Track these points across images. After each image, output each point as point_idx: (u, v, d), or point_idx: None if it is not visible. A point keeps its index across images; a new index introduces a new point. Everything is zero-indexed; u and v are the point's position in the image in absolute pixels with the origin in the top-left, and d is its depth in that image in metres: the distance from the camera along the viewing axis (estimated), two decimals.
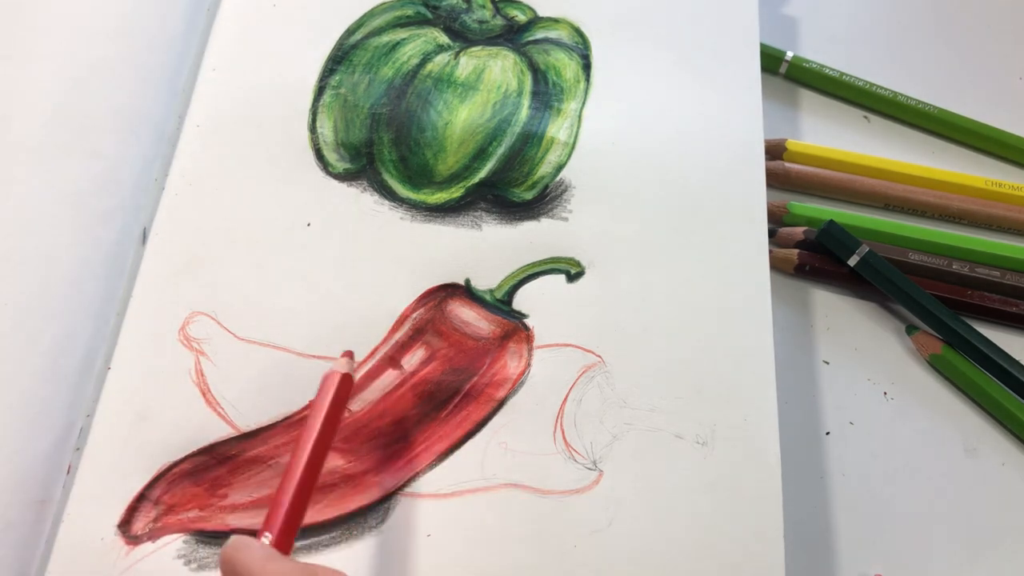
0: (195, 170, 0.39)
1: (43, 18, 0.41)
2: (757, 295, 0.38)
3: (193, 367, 0.35)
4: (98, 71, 0.40)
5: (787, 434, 0.35)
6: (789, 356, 0.40)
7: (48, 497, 0.33)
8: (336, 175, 0.39)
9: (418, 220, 0.38)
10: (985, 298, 0.42)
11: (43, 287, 0.36)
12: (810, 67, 0.48)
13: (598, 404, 0.35)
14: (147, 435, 0.33)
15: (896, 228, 0.43)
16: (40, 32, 0.41)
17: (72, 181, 0.38)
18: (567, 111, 0.41)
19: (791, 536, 0.33)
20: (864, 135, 0.48)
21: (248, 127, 0.40)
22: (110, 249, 0.37)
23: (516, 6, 0.44)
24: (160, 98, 0.41)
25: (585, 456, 0.34)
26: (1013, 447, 0.40)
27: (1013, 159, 0.47)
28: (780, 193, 0.45)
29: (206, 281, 0.36)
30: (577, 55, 0.43)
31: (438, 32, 0.43)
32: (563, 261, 0.38)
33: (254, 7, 0.43)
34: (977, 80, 0.50)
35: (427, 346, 0.36)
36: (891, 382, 0.41)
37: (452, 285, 0.37)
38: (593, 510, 0.33)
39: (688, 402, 0.35)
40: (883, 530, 0.37)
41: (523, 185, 0.39)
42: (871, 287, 0.42)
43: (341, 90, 0.41)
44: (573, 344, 0.36)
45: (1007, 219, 0.45)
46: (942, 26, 0.52)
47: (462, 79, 0.42)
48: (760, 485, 0.34)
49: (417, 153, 0.40)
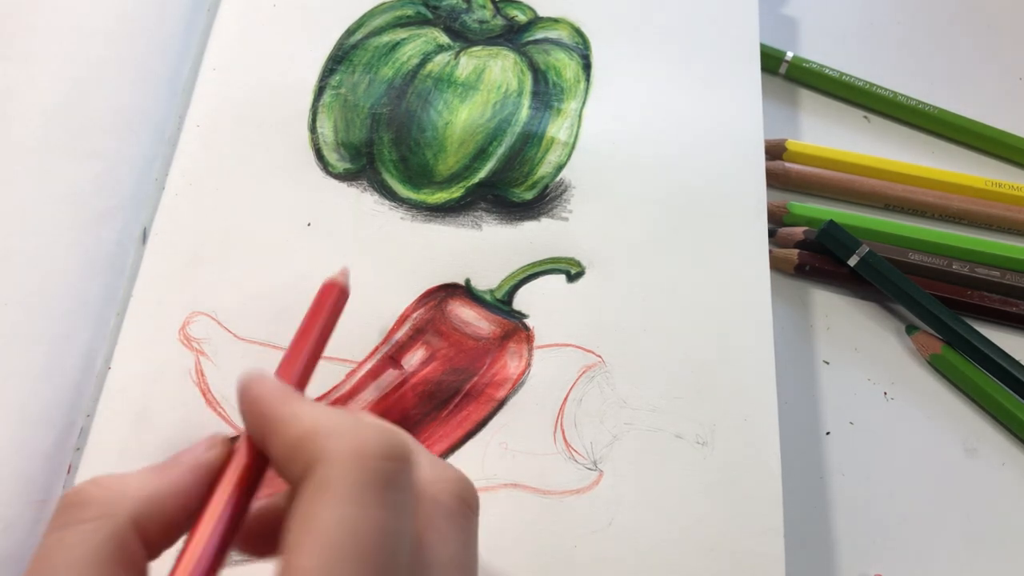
0: (195, 170, 0.39)
1: (43, 18, 0.41)
2: (757, 295, 0.38)
3: (193, 367, 0.35)
4: (98, 71, 0.40)
5: (787, 434, 0.35)
6: (789, 356, 0.40)
7: (48, 497, 0.33)
8: (336, 175, 0.39)
9: (418, 220, 0.38)
10: (985, 298, 0.42)
11: (43, 287, 0.36)
12: (810, 67, 0.48)
13: (598, 404, 0.35)
14: (147, 435, 0.33)
15: (896, 228, 0.43)
16: (40, 32, 0.41)
17: (72, 181, 0.38)
18: (567, 111, 0.41)
19: (791, 536, 0.33)
20: (864, 135, 0.48)
21: (248, 127, 0.40)
22: (110, 249, 0.37)
23: (516, 6, 0.44)
24: (160, 98, 0.41)
25: (585, 456, 0.34)
26: (1013, 447, 0.40)
27: (1013, 159, 0.47)
28: (780, 193, 0.45)
29: (206, 281, 0.36)
30: (577, 55, 0.43)
31: (438, 32, 0.43)
32: (563, 261, 0.38)
33: (254, 7, 0.43)
34: (977, 80, 0.50)
35: (427, 346, 0.36)
36: (891, 382, 0.41)
37: (452, 285, 0.37)
38: (593, 510, 0.33)
39: (688, 402, 0.35)
40: (883, 530, 0.37)
41: (523, 185, 0.39)
42: (871, 287, 0.42)
43: (341, 90, 0.41)
44: (573, 344, 0.36)
45: (1007, 219, 0.45)
46: (942, 26, 0.52)
47: (462, 79, 0.42)
48: (760, 485, 0.34)
49: (417, 153, 0.40)
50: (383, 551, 0.20)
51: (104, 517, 0.22)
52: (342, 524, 0.20)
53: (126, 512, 0.22)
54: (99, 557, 0.21)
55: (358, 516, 0.20)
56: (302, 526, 0.20)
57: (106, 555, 0.21)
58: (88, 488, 0.23)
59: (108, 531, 0.22)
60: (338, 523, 0.20)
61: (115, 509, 0.22)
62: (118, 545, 0.22)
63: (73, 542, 0.21)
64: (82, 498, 0.22)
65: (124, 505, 0.22)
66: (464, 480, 0.25)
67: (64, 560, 0.21)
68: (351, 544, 0.20)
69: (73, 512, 0.22)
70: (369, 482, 0.21)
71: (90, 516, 0.22)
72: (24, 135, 0.38)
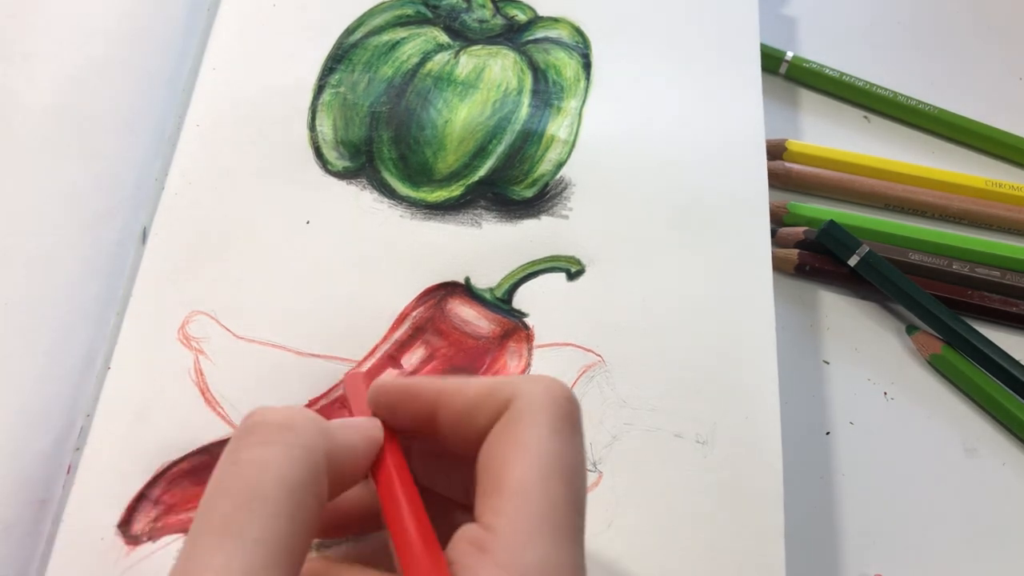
0: (195, 170, 0.39)
1: (43, 18, 0.41)
2: (759, 294, 0.38)
3: (193, 367, 0.35)
4: (98, 71, 0.40)
5: (787, 434, 0.35)
6: (789, 356, 0.40)
7: (48, 497, 0.33)
8: (335, 173, 0.39)
9: (418, 218, 0.38)
10: (985, 298, 0.42)
11: (43, 287, 0.36)
12: (810, 67, 0.48)
13: (598, 404, 0.35)
14: (147, 435, 0.33)
15: (896, 228, 0.43)
16: (40, 32, 0.41)
17: (72, 181, 0.38)
18: (567, 109, 0.41)
19: (791, 536, 0.33)
20: (864, 135, 0.48)
21: (248, 126, 0.40)
22: (110, 249, 0.37)
23: (516, 6, 0.44)
24: (160, 98, 0.41)
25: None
26: (1013, 447, 0.40)
27: (1013, 159, 0.47)
28: (780, 193, 0.45)
29: (205, 280, 0.36)
30: (577, 54, 0.43)
31: (438, 31, 0.43)
32: (563, 259, 0.38)
33: (254, 7, 0.43)
34: (977, 80, 0.50)
35: (427, 345, 0.36)
36: (891, 382, 0.41)
37: (452, 283, 0.37)
38: (593, 511, 0.33)
39: (688, 402, 0.35)
40: (883, 530, 0.37)
41: (523, 183, 0.39)
42: (871, 287, 0.42)
43: (340, 89, 0.41)
44: (573, 343, 0.36)
45: (1007, 219, 0.45)
46: (942, 26, 0.52)
47: (462, 78, 0.42)
48: (761, 485, 0.34)
49: (417, 151, 0.40)
50: (578, 475, 0.24)
51: (309, 448, 0.23)
52: (551, 448, 0.23)
53: (323, 449, 0.23)
54: (304, 482, 0.22)
55: (563, 443, 0.24)
56: (514, 445, 0.23)
57: (310, 482, 0.22)
58: (290, 413, 0.23)
59: (312, 461, 0.22)
60: (548, 447, 0.23)
61: (317, 443, 0.23)
62: (318, 477, 0.23)
63: (281, 463, 0.22)
64: (288, 422, 0.23)
65: (323, 443, 0.23)
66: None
67: (274, 477, 0.22)
68: (559, 465, 0.23)
69: (277, 433, 0.23)
70: (564, 417, 0.24)
71: (298, 443, 0.22)
72: (24, 135, 0.38)
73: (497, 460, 0.24)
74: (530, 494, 0.23)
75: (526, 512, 0.22)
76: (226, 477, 0.22)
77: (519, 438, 0.24)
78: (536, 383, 0.25)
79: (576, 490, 0.24)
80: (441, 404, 0.26)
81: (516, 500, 0.22)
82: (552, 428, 0.24)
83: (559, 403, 0.24)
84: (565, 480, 0.23)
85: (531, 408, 0.24)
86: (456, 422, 0.25)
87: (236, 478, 0.22)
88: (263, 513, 0.21)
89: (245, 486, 0.21)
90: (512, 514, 0.22)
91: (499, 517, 0.22)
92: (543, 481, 0.23)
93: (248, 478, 0.22)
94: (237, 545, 0.20)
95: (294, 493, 0.22)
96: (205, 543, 0.21)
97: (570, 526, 0.23)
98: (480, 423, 0.25)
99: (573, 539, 0.23)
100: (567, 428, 0.24)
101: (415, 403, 0.26)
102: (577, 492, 0.24)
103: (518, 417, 0.24)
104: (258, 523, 0.21)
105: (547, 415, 0.24)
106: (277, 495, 0.21)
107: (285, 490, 0.21)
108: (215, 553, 0.20)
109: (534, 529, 0.22)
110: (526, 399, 0.24)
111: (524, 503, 0.22)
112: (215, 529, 0.21)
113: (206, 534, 0.21)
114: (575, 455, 0.24)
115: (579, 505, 0.24)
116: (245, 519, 0.21)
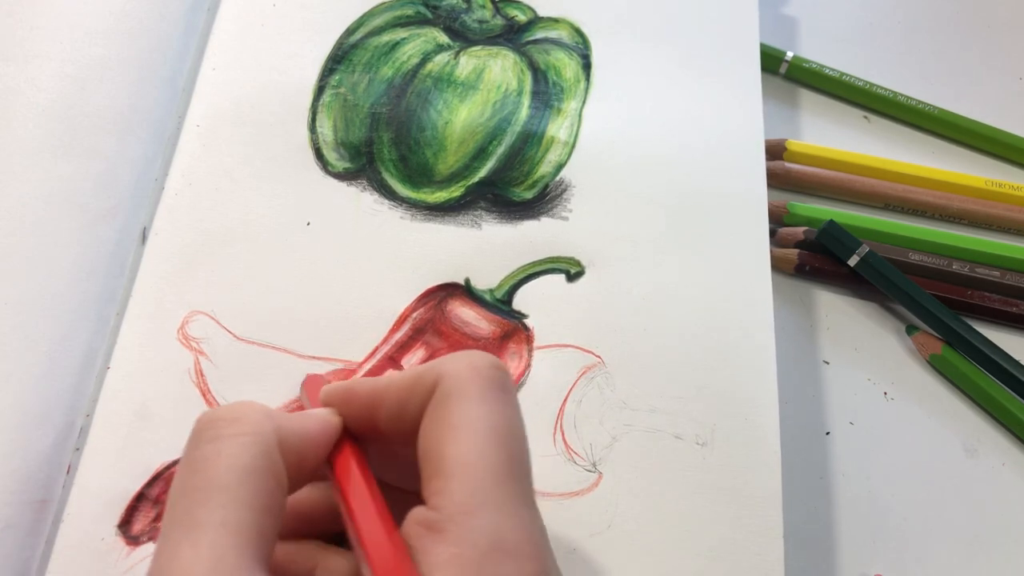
0: (195, 170, 0.39)
1: (43, 18, 0.41)
2: (759, 294, 0.38)
3: (192, 367, 0.35)
4: (98, 71, 0.40)
5: (787, 434, 0.35)
6: (789, 356, 0.40)
7: (48, 497, 0.33)
8: (335, 174, 0.39)
9: (418, 219, 0.38)
10: (985, 298, 0.42)
11: (43, 287, 0.36)
12: (810, 67, 0.48)
13: (598, 405, 0.35)
14: (147, 435, 0.33)
15: (896, 228, 0.43)
16: (40, 32, 0.41)
17: (72, 181, 0.38)
18: (567, 110, 0.41)
19: (791, 536, 0.33)
20: (864, 135, 0.48)
21: (248, 127, 0.40)
22: (110, 249, 0.37)
23: (516, 6, 0.44)
24: (160, 98, 0.41)
25: (585, 458, 0.34)
26: (1013, 447, 0.40)
27: (1013, 159, 0.47)
28: (780, 193, 0.45)
29: (205, 281, 0.36)
30: (577, 55, 0.43)
31: (438, 32, 0.43)
32: (563, 260, 0.38)
33: (254, 7, 0.43)
34: (977, 80, 0.50)
35: (427, 346, 0.36)
36: (891, 382, 0.41)
37: (452, 284, 0.37)
38: (593, 512, 0.33)
39: (688, 402, 0.35)
40: (883, 530, 0.37)
41: (523, 184, 0.39)
42: (871, 287, 0.42)
43: (341, 89, 0.41)
44: (573, 344, 0.36)
45: (1007, 219, 0.45)
46: (942, 26, 0.52)
47: (462, 78, 0.42)
48: (760, 485, 0.34)
49: (417, 152, 0.40)
50: (514, 437, 0.24)
51: (257, 434, 0.24)
52: (481, 417, 0.24)
53: (273, 433, 0.24)
54: (257, 466, 0.23)
55: (491, 410, 0.24)
56: (444, 426, 0.24)
57: (264, 466, 0.23)
58: (237, 407, 0.24)
59: (263, 446, 0.23)
60: (477, 417, 0.24)
61: (265, 428, 0.24)
62: (272, 460, 0.23)
63: (232, 451, 0.23)
64: (234, 415, 0.24)
65: (271, 427, 0.24)
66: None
67: (226, 466, 0.23)
68: (492, 433, 0.24)
69: (225, 426, 0.24)
70: (490, 385, 0.25)
71: (245, 431, 0.23)
72: (24, 135, 0.38)
73: (433, 442, 0.24)
74: (468, 468, 0.23)
75: (468, 486, 0.23)
76: (184, 476, 0.23)
77: (449, 416, 0.24)
78: (458, 360, 0.25)
79: (514, 453, 0.24)
80: (377, 401, 0.26)
81: (456, 476, 0.23)
82: (479, 398, 0.24)
83: (482, 372, 0.25)
84: (501, 445, 0.24)
85: (456, 384, 0.25)
86: (393, 416, 0.26)
87: (193, 475, 0.23)
88: (222, 500, 0.22)
89: (202, 480, 0.22)
90: (455, 491, 0.23)
91: (443, 496, 0.23)
92: (478, 451, 0.23)
93: (204, 472, 0.23)
94: (203, 532, 0.21)
95: (250, 476, 0.23)
96: (173, 537, 0.22)
97: (514, 490, 0.23)
98: (413, 411, 0.25)
99: (520, 501, 0.24)
100: (494, 394, 0.25)
101: (355, 403, 0.27)
102: (516, 454, 0.24)
103: (445, 396, 0.25)
104: (219, 510, 0.22)
105: (473, 386, 0.24)
106: (233, 481, 0.22)
107: (240, 475, 0.22)
108: (183, 544, 0.21)
109: (478, 501, 0.23)
110: (450, 377, 0.25)
111: (464, 478, 0.23)
112: (180, 524, 0.22)
113: (173, 529, 0.22)
114: (507, 419, 0.25)
115: (521, 466, 0.24)
116: (206, 509, 0.22)
